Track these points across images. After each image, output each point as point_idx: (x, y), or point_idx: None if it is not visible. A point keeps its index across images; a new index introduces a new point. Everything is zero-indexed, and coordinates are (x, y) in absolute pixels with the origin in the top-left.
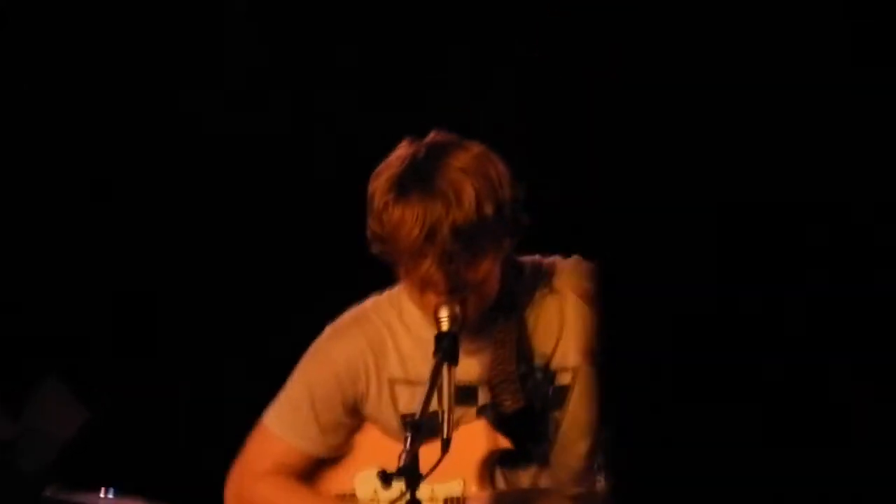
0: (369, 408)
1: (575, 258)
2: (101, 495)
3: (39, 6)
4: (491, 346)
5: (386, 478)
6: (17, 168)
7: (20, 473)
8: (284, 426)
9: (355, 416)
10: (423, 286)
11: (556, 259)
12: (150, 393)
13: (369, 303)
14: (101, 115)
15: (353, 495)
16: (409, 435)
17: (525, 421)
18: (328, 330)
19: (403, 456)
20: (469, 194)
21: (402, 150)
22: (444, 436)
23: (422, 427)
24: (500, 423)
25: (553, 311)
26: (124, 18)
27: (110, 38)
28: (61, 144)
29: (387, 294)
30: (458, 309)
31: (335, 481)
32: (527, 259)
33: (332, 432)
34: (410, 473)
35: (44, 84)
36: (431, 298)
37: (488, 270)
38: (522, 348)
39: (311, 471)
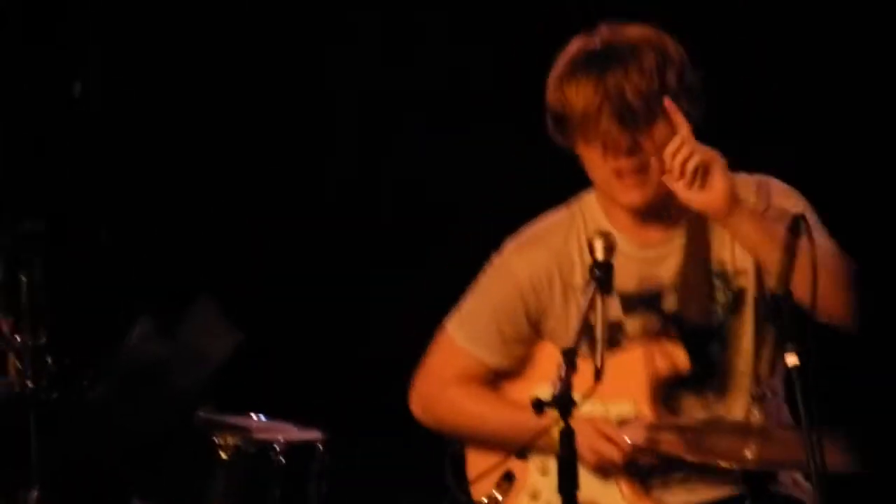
0: (552, 321)
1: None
2: (253, 417)
3: None
4: (676, 253)
5: (538, 406)
6: None
7: (174, 392)
8: (468, 336)
9: (536, 330)
10: (604, 148)
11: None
12: (301, 315)
13: (550, 216)
14: None
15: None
16: (562, 364)
17: (702, 340)
18: (510, 244)
19: (557, 385)
20: (650, 59)
21: (578, 41)
22: (597, 365)
23: (575, 356)
24: (681, 337)
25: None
26: None
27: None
28: None
29: (566, 206)
30: (613, 238)
31: (514, 393)
32: None
33: (513, 344)
34: (563, 403)
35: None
36: (613, 166)
37: (668, 135)
38: (707, 257)
39: (491, 382)
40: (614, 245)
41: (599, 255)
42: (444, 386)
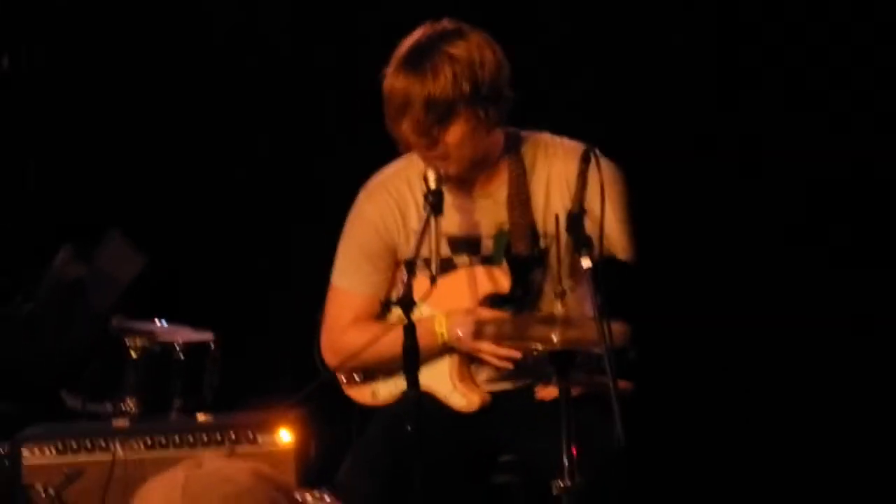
0: (401, 253)
1: (572, 141)
2: (156, 323)
3: None
4: (496, 201)
5: (386, 305)
6: None
7: (90, 307)
8: (353, 281)
9: (397, 257)
10: (404, 144)
11: (557, 137)
12: (194, 240)
13: (391, 166)
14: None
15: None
16: (405, 272)
17: (522, 269)
18: (361, 193)
19: (401, 288)
20: (447, 76)
21: (418, 31)
22: (432, 272)
23: (415, 266)
24: (511, 265)
25: (547, 175)
26: None
27: None
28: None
29: (405, 157)
30: (443, 170)
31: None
32: (531, 132)
33: (386, 271)
34: (405, 302)
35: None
36: (419, 153)
37: (461, 135)
38: (527, 207)
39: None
40: (443, 176)
41: (432, 185)
42: (342, 332)
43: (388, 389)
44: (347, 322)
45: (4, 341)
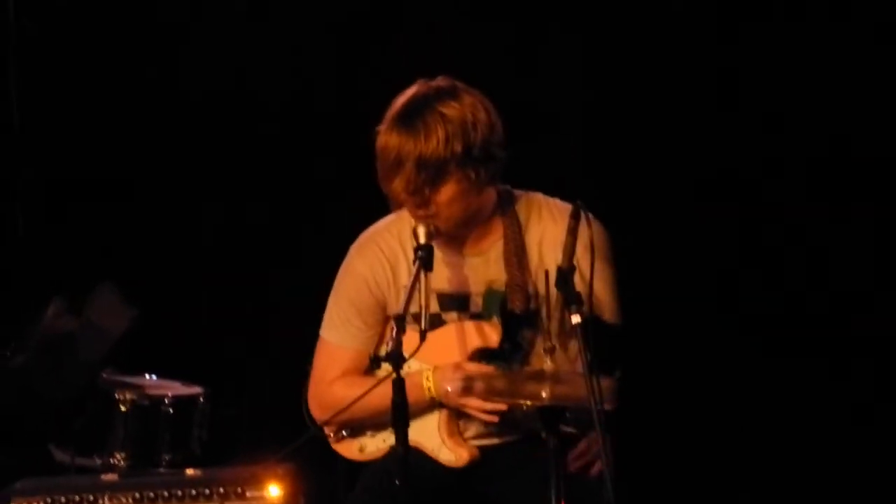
0: (390, 308)
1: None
2: (146, 377)
3: None
4: (487, 259)
5: (375, 361)
6: None
7: (80, 360)
8: (341, 335)
9: (386, 313)
10: (396, 202)
11: (549, 198)
12: (184, 294)
13: (383, 222)
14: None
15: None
16: (394, 327)
17: (515, 325)
18: (352, 249)
19: (390, 343)
20: (439, 136)
21: (412, 89)
22: (422, 328)
23: (405, 321)
24: (504, 321)
25: (540, 235)
26: None
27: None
28: None
29: (396, 213)
30: (433, 227)
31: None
32: (523, 191)
33: (376, 326)
34: (395, 357)
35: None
36: (409, 210)
37: (452, 194)
38: (526, 261)
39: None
40: (433, 232)
41: (422, 240)
42: (329, 385)
43: (376, 444)
44: (335, 376)
45: None
